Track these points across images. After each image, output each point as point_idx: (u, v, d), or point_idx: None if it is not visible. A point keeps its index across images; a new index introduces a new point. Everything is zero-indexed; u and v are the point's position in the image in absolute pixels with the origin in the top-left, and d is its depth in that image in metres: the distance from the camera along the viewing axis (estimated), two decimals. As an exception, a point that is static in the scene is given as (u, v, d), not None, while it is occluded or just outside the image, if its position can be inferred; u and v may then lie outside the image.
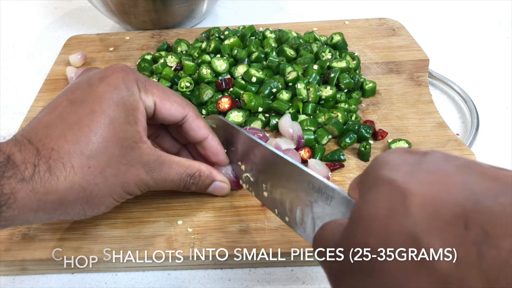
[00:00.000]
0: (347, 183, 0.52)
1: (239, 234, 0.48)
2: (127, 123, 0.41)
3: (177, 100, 0.46)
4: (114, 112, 0.40)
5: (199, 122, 0.47)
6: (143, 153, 0.42)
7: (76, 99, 0.41)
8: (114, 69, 0.43)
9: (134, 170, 0.42)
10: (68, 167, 0.38)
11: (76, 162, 0.38)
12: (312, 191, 0.37)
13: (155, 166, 0.43)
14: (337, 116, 0.58)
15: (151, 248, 0.47)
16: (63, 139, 0.38)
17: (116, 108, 0.41)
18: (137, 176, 0.42)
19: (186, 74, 0.64)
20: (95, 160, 0.39)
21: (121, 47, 0.75)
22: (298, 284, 0.46)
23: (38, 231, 0.49)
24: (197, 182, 0.47)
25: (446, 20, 0.81)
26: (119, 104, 0.41)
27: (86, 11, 0.89)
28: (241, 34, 0.70)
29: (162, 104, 0.44)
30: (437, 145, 0.55)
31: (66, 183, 0.38)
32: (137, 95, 0.42)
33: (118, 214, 0.50)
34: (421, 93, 0.63)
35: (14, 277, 0.49)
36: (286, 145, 0.54)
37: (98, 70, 0.43)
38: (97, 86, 0.41)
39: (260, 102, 0.59)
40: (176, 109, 0.45)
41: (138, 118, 0.42)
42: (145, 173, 0.43)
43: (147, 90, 0.43)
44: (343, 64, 0.63)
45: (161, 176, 0.44)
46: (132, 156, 0.41)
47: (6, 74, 0.76)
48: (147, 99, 0.43)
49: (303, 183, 0.38)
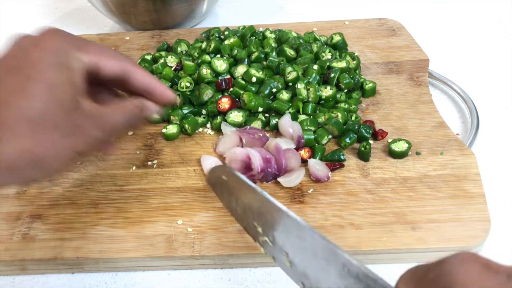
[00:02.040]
0: (347, 183, 0.52)
1: (239, 234, 0.48)
2: (67, 84, 0.41)
3: (114, 55, 0.46)
4: (52, 75, 0.40)
5: (140, 71, 0.48)
6: (85, 111, 0.42)
7: (12, 67, 0.41)
8: (48, 33, 0.43)
9: (81, 129, 0.42)
10: (15, 133, 0.38)
11: (21, 127, 0.38)
12: (347, 275, 0.33)
13: (99, 118, 0.43)
14: (337, 116, 0.58)
15: (151, 248, 0.47)
16: (5, 107, 0.39)
17: (53, 71, 0.41)
18: (85, 133, 0.42)
19: (186, 74, 0.64)
20: (41, 125, 0.39)
21: (121, 47, 0.75)
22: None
23: (38, 231, 0.49)
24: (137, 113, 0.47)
25: (446, 20, 0.81)
26: (56, 67, 0.41)
27: (86, 11, 0.89)
28: (241, 34, 0.70)
29: (100, 60, 0.45)
30: (437, 145, 0.55)
31: (14, 148, 0.38)
32: (74, 56, 0.42)
33: (118, 214, 0.50)
34: (421, 93, 0.63)
35: (14, 277, 0.49)
36: (286, 145, 0.54)
37: (32, 37, 0.43)
38: (32, 52, 0.41)
39: (260, 102, 0.59)
40: (115, 63, 0.46)
41: (76, 78, 0.42)
42: (92, 128, 0.43)
43: (84, 50, 0.44)
44: (343, 64, 0.63)
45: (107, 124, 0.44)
46: (76, 116, 0.42)
47: (6, 74, 0.76)
48: (87, 58, 0.44)
49: (336, 264, 0.34)
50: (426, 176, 0.52)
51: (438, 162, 0.54)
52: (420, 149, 0.55)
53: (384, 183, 0.52)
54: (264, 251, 0.43)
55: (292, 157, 0.53)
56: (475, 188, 0.51)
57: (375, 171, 0.53)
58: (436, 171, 0.53)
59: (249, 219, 0.44)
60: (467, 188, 0.51)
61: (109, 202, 0.52)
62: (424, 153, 0.55)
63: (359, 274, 0.33)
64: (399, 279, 0.30)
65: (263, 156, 0.53)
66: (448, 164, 0.53)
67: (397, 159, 0.54)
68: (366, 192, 0.51)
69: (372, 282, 0.32)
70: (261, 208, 0.42)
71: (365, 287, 0.32)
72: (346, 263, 0.33)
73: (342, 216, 0.49)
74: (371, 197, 0.50)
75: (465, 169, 0.53)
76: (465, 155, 0.54)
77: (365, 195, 0.51)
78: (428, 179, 0.52)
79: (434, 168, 0.53)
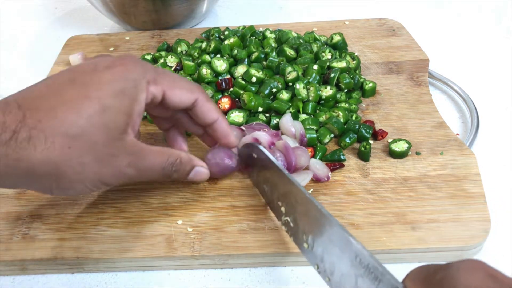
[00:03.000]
0: (347, 183, 0.52)
1: (239, 234, 0.48)
2: (121, 113, 0.41)
3: (186, 86, 0.46)
4: (110, 101, 0.40)
5: (209, 105, 0.48)
6: (127, 145, 0.42)
7: (77, 80, 0.41)
8: (124, 60, 0.43)
9: (115, 161, 0.41)
10: (48, 142, 0.38)
11: (58, 139, 0.38)
12: (359, 265, 0.35)
13: (137, 157, 0.43)
14: (338, 115, 0.58)
15: (151, 248, 0.47)
16: (52, 114, 0.38)
17: (113, 97, 0.40)
18: (118, 167, 0.42)
19: (186, 74, 0.64)
20: (77, 143, 0.39)
21: (121, 47, 0.75)
22: (298, 284, 0.46)
23: (38, 231, 0.49)
24: (178, 169, 0.46)
25: (446, 20, 0.81)
26: (118, 94, 0.41)
27: (86, 11, 0.89)
28: (241, 34, 0.70)
29: (172, 92, 0.45)
30: (437, 145, 0.55)
31: (42, 156, 0.37)
32: (140, 87, 0.42)
33: (118, 214, 0.50)
34: (421, 93, 0.63)
35: (14, 277, 0.49)
36: (291, 144, 0.54)
37: (108, 58, 0.44)
38: (102, 73, 0.41)
39: (260, 102, 0.59)
40: (186, 95, 0.46)
41: (133, 109, 0.42)
42: (127, 165, 0.42)
43: (157, 82, 0.44)
44: (343, 64, 0.63)
45: (144, 166, 0.43)
46: (116, 147, 0.41)
47: (6, 74, 0.76)
48: (155, 90, 0.44)
49: (350, 253, 0.36)
50: (426, 176, 0.52)
51: (438, 162, 0.54)
52: (420, 149, 0.55)
53: (384, 183, 0.52)
54: (285, 230, 0.46)
55: (302, 154, 0.52)
56: (475, 188, 0.51)
57: (375, 171, 0.53)
58: (436, 171, 0.53)
59: (274, 198, 0.47)
60: (467, 188, 0.51)
61: (109, 202, 0.52)
62: (424, 153, 0.55)
63: (369, 265, 0.34)
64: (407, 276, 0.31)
65: (271, 133, 0.53)
66: (448, 164, 0.53)
67: (397, 159, 0.54)
68: (366, 192, 0.51)
69: (380, 274, 0.33)
70: (286, 190, 0.45)
71: (373, 278, 0.34)
72: (358, 253, 0.35)
73: (342, 216, 0.49)
74: (371, 197, 0.50)
75: (465, 169, 0.53)
76: (465, 155, 0.54)
77: (365, 195, 0.51)
78: (428, 179, 0.52)
79: (434, 168, 0.53)
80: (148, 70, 0.43)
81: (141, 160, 0.43)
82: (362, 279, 0.35)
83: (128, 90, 0.41)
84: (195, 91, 0.47)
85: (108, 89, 0.40)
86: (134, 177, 0.44)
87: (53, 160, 0.38)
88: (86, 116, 0.39)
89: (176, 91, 0.45)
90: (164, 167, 0.45)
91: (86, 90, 0.40)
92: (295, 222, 0.44)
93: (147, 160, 0.43)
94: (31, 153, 0.37)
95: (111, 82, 0.41)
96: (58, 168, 0.39)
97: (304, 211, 0.42)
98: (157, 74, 0.44)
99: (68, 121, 0.38)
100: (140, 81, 0.42)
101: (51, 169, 0.39)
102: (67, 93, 0.40)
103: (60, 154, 0.38)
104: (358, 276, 0.35)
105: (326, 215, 0.39)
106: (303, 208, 0.42)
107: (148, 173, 0.44)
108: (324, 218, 0.39)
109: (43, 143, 0.38)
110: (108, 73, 0.41)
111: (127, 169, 0.42)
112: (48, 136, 0.38)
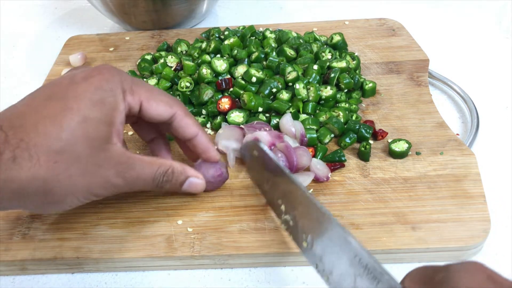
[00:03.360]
0: (347, 183, 0.52)
1: (239, 234, 0.48)
2: (102, 123, 0.41)
3: (164, 100, 0.45)
4: (90, 112, 0.40)
5: (187, 120, 0.47)
6: (113, 155, 0.41)
7: (55, 94, 0.41)
8: (100, 70, 0.43)
9: (103, 171, 0.41)
10: (34, 159, 0.38)
11: (43, 155, 0.38)
12: (358, 265, 0.35)
13: (126, 167, 0.42)
14: (338, 115, 0.58)
15: (151, 248, 0.47)
16: (34, 131, 0.38)
17: (93, 107, 0.40)
18: (105, 177, 0.41)
19: (186, 74, 0.64)
20: (62, 156, 0.39)
21: (121, 47, 0.75)
22: (298, 284, 0.46)
23: (38, 231, 0.49)
24: (170, 179, 0.46)
25: (446, 20, 0.81)
26: (97, 104, 0.41)
27: (86, 11, 0.89)
28: (241, 34, 0.70)
29: (149, 104, 0.44)
30: (437, 145, 0.55)
31: (29, 174, 0.37)
32: (119, 96, 0.42)
33: (118, 214, 0.50)
34: (421, 93, 0.63)
35: (14, 277, 0.49)
36: (292, 144, 0.54)
37: (85, 69, 0.43)
38: (79, 85, 0.41)
39: (260, 102, 0.59)
40: (163, 109, 0.45)
41: (114, 119, 0.42)
42: (115, 175, 0.42)
43: (133, 91, 0.43)
44: (343, 64, 0.63)
45: (133, 176, 0.43)
46: (102, 157, 0.41)
47: (6, 74, 0.76)
48: (132, 100, 0.43)
49: (349, 253, 0.36)
50: (426, 176, 0.52)
51: (438, 162, 0.54)
52: (420, 149, 0.55)
53: (384, 183, 0.52)
54: (284, 228, 0.46)
55: (303, 154, 0.52)
56: (475, 188, 0.51)
57: (375, 171, 0.53)
58: (436, 171, 0.53)
59: (274, 196, 0.47)
60: (467, 188, 0.51)
61: (109, 202, 0.52)
62: (424, 153, 0.55)
63: (368, 265, 0.34)
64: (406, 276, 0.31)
65: (274, 134, 0.53)
66: (448, 164, 0.53)
67: (397, 159, 0.54)
68: (366, 192, 0.51)
69: (379, 274, 0.33)
70: (286, 188, 0.45)
71: (372, 278, 0.34)
72: (358, 253, 0.35)
73: (342, 216, 0.49)
74: (371, 197, 0.50)
75: (465, 169, 0.53)
76: (465, 155, 0.54)
77: (365, 195, 0.51)
78: (428, 179, 0.52)
79: (434, 168, 0.53)
80: (125, 80, 0.43)
81: (129, 170, 0.42)
82: (361, 279, 0.35)
83: (107, 99, 0.41)
84: (174, 105, 0.46)
85: (86, 99, 0.40)
86: (123, 187, 0.43)
87: (41, 177, 0.38)
88: (67, 128, 0.39)
89: (153, 103, 0.44)
90: (154, 178, 0.44)
91: (65, 103, 0.40)
92: (295, 220, 0.44)
93: (136, 170, 0.43)
94: (18, 172, 0.37)
95: (89, 92, 0.40)
96: (47, 183, 0.39)
97: (304, 210, 0.42)
98: (134, 84, 0.44)
99: (50, 136, 0.38)
100: (116, 89, 0.42)
101: (40, 186, 0.38)
102: (46, 108, 0.39)
103: (47, 169, 0.38)
104: (357, 275, 0.35)
105: (327, 214, 0.39)
106: (302, 207, 0.42)
107: (137, 183, 0.44)
108: (323, 217, 0.39)
109: (28, 161, 0.37)
110: (85, 84, 0.41)
111: (115, 179, 0.42)
112: (33, 154, 0.38)
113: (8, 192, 0.38)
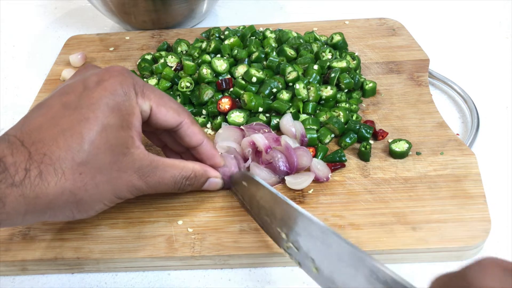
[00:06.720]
0: (347, 183, 0.52)
1: (239, 234, 0.48)
2: (121, 128, 0.41)
3: (173, 107, 0.45)
4: (108, 119, 0.40)
5: (194, 128, 0.47)
6: (135, 159, 0.42)
7: (71, 103, 0.40)
8: (112, 73, 0.42)
9: (126, 176, 0.42)
10: (59, 173, 0.38)
11: (67, 168, 0.38)
12: (375, 281, 0.33)
13: (148, 170, 0.43)
14: (338, 115, 0.58)
15: (151, 248, 0.47)
16: (55, 145, 0.38)
17: (110, 114, 0.40)
18: (129, 181, 0.42)
19: (186, 74, 0.64)
20: (86, 167, 0.39)
21: (121, 47, 0.75)
22: (298, 284, 0.46)
23: (38, 231, 0.49)
24: (192, 183, 0.47)
25: (446, 20, 0.81)
26: (114, 110, 0.41)
27: (86, 11, 0.89)
28: (241, 34, 0.70)
29: (158, 109, 0.44)
30: (438, 145, 0.55)
31: (56, 188, 0.38)
32: (134, 100, 0.42)
33: (118, 214, 0.50)
34: (421, 93, 0.63)
35: (14, 277, 0.49)
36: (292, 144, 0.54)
37: (95, 71, 0.43)
38: (93, 91, 0.41)
39: (260, 102, 0.59)
40: (172, 116, 0.45)
41: (132, 123, 0.42)
42: (138, 178, 0.42)
43: (144, 95, 0.43)
44: (343, 64, 0.63)
45: (155, 180, 0.44)
46: (124, 162, 0.41)
47: (6, 74, 0.76)
48: (143, 104, 0.43)
49: (363, 269, 0.34)
50: (426, 176, 0.52)
51: (439, 162, 0.54)
52: (420, 149, 0.55)
53: (384, 183, 0.52)
54: (290, 257, 0.43)
55: (304, 155, 0.52)
56: (475, 188, 0.51)
57: (376, 171, 0.53)
58: (436, 171, 0.53)
59: (273, 225, 0.44)
60: (467, 188, 0.51)
61: (109, 202, 0.52)
62: (425, 153, 0.55)
63: (387, 280, 0.32)
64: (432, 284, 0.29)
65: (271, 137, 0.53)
66: (448, 164, 0.53)
67: (397, 159, 0.54)
68: (366, 192, 0.51)
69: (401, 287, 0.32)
70: (284, 214, 0.42)
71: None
72: (374, 270, 0.33)
73: (342, 217, 0.49)
74: (371, 197, 0.50)
75: (465, 169, 0.53)
76: (465, 155, 0.54)
77: (365, 195, 0.51)
78: (429, 179, 0.52)
79: (435, 168, 0.53)
80: (136, 83, 0.43)
81: (151, 174, 0.43)
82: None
83: (122, 104, 0.41)
84: (182, 113, 0.46)
85: (103, 107, 0.40)
86: (147, 190, 0.44)
87: (68, 189, 0.39)
88: (88, 139, 0.39)
89: (163, 109, 0.44)
90: (176, 181, 0.45)
91: (81, 113, 0.40)
92: (299, 246, 0.41)
93: (158, 174, 0.43)
94: (46, 188, 0.37)
95: (104, 98, 0.40)
96: (75, 195, 0.39)
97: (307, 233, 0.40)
98: (145, 87, 0.44)
99: (72, 148, 0.39)
100: (130, 93, 0.42)
101: (69, 198, 0.39)
102: (63, 120, 0.39)
103: (73, 182, 0.39)
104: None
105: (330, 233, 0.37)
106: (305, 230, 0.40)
107: (159, 186, 0.44)
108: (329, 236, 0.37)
109: (54, 176, 0.38)
110: (99, 89, 0.41)
111: (138, 182, 0.43)
112: (57, 168, 0.38)
113: (39, 207, 0.38)
